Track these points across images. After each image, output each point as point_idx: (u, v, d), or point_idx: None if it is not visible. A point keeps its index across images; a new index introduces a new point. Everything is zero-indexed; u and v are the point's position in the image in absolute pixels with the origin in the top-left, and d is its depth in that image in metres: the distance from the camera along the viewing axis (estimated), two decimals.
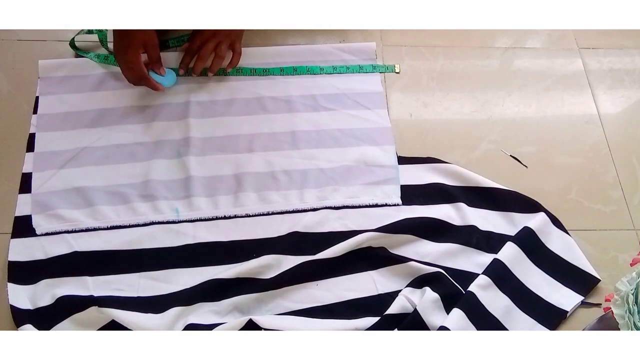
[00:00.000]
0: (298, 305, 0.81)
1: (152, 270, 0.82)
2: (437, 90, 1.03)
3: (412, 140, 0.97)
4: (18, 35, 1.03)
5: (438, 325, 0.77)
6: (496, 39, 1.10)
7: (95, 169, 0.90)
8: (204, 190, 0.89)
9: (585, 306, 0.84)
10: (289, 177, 0.91)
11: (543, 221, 0.89)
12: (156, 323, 0.76)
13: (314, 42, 1.05)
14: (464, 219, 0.89)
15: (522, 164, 0.96)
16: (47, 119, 0.94)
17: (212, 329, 0.77)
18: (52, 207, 0.86)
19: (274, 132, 0.95)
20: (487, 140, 0.98)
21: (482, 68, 1.07)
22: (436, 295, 0.80)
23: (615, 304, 0.64)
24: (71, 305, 0.78)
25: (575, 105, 1.04)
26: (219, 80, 1.00)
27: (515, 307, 0.82)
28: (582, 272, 0.86)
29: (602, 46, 1.11)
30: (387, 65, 1.04)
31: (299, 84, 1.00)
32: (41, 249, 0.83)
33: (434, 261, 0.85)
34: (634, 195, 0.95)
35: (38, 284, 0.80)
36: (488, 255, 0.86)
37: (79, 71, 0.99)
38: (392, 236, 0.86)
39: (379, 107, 0.99)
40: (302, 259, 0.83)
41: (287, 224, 0.87)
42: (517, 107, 1.03)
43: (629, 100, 1.05)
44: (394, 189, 0.91)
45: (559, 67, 1.08)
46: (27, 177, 0.89)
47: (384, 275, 0.84)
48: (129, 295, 0.80)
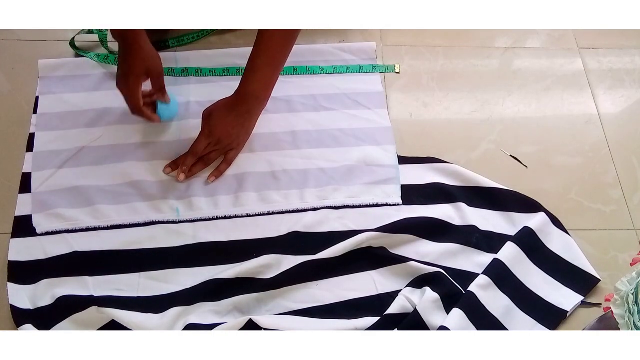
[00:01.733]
0: (298, 305, 0.81)
1: (152, 270, 0.83)
2: (437, 90, 1.03)
3: (412, 140, 0.97)
4: (18, 35, 1.03)
5: (438, 325, 0.77)
6: (496, 39, 1.10)
7: (94, 168, 0.90)
8: (204, 190, 0.89)
9: (585, 306, 0.84)
10: (289, 177, 0.91)
11: (543, 221, 0.89)
12: (156, 323, 0.76)
13: (314, 42, 1.05)
14: (464, 219, 0.89)
15: (522, 164, 0.96)
16: (47, 118, 0.94)
17: (212, 329, 0.77)
18: (52, 207, 0.86)
19: (274, 132, 0.95)
20: (487, 140, 0.98)
21: (482, 68, 1.07)
22: (436, 295, 0.80)
23: (615, 304, 0.64)
24: (71, 305, 0.78)
25: (575, 105, 1.04)
26: (219, 81, 1.00)
27: (515, 307, 0.82)
28: (582, 272, 0.86)
29: (602, 46, 1.11)
30: (387, 65, 1.04)
31: (299, 84, 1.00)
32: (41, 249, 0.83)
33: (434, 261, 0.85)
34: (634, 195, 0.95)
35: (38, 283, 0.80)
36: (488, 255, 0.86)
37: (78, 71, 0.99)
38: (392, 236, 0.86)
39: (379, 107, 0.99)
40: (302, 259, 0.83)
41: (287, 224, 0.87)
42: (517, 107, 1.03)
43: (629, 100, 1.05)
44: (395, 189, 0.91)
45: (559, 67, 1.08)
46: (27, 177, 0.89)
47: (384, 275, 0.84)
48: (129, 295, 0.80)
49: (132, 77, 0.84)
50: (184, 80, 0.99)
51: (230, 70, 1.01)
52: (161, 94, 0.90)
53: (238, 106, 0.88)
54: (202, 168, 0.90)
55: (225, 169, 0.91)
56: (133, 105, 0.86)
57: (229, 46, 1.03)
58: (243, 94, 0.87)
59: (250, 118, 0.90)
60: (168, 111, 0.92)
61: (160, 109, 0.90)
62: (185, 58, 1.02)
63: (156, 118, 0.90)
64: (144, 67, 0.85)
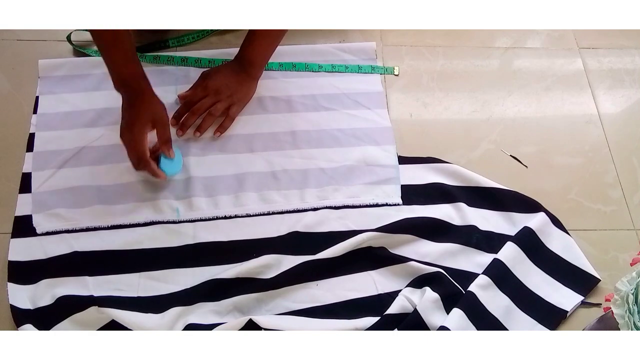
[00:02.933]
0: (298, 305, 0.81)
1: (152, 270, 0.83)
2: (437, 90, 1.03)
3: (412, 140, 0.97)
4: (18, 35, 1.03)
5: (438, 325, 0.77)
6: (496, 39, 1.10)
7: (94, 168, 0.90)
8: (204, 190, 0.89)
9: (585, 306, 0.84)
10: (289, 177, 0.91)
11: (543, 221, 0.89)
12: (156, 323, 0.76)
13: (314, 42, 1.05)
14: (464, 219, 0.89)
15: (522, 164, 0.96)
16: (47, 118, 0.94)
17: (212, 329, 0.77)
18: (52, 207, 0.86)
19: (274, 132, 0.95)
20: (487, 140, 0.98)
21: (482, 68, 1.07)
22: (436, 295, 0.80)
23: (615, 304, 0.64)
24: (71, 305, 0.78)
25: (575, 105, 1.04)
26: None
27: (515, 307, 0.82)
28: (582, 272, 0.86)
29: (602, 46, 1.11)
30: (386, 67, 1.04)
31: (299, 84, 1.00)
32: (41, 249, 0.83)
33: (434, 261, 0.85)
34: (634, 195, 0.95)
35: (38, 283, 0.80)
36: (488, 255, 0.86)
37: (78, 71, 0.99)
38: (392, 236, 0.86)
39: (379, 107, 0.99)
40: (302, 258, 0.83)
41: (287, 224, 0.87)
42: (517, 107, 1.03)
43: (629, 100, 1.05)
44: (395, 189, 0.91)
45: (559, 67, 1.08)
46: (27, 177, 0.89)
47: (384, 275, 0.84)
48: (129, 295, 0.80)
49: (138, 126, 0.80)
50: (184, 80, 0.99)
51: None
52: (166, 147, 0.84)
53: (235, 66, 0.93)
54: (211, 121, 0.92)
55: (229, 124, 0.93)
56: (139, 155, 0.81)
57: (229, 46, 1.03)
58: (239, 58, 0.93)
59: (247, 78, 0.94)
60: (172, 167, 0.86)
61: (164, 163, 0.85)
62: None
63: (162, 174, 0.84)
64: (149, 115, 0.81)
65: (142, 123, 0.81)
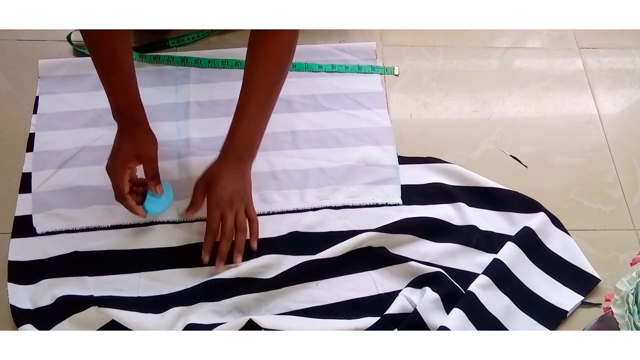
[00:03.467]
0: (298, 305, 0.81)
1: (152, 270, 0.83)
2: (437, 90, 1.03)
3: (412, 140, 0.97)
4: (18, 35, 1.03)
5: (438, 325, 0.77)
6: (496, 39, 1.10)
7: (94, 168, 0.90)
8: None
9: (585, 306, 0.84)
10: (289, 177, 0.91)
11: (543, 221, 0.89)
12: (156, 323, 0.76)
13: (313, 42, 1.05)
14: (464, 219, 0.89)
15: (522, 164, 0.96)
16: (47, 118, 0.94)
17: (212, 329, 0.77)
18: (52, 207, 0.86)
19: (274, 132, 0.95)
20: (487, 140, 0.98)
21: (482, 68, 1.07)
22: (436, 295, 0.80)
23: (615, 304, 0.64)
24: (71, 305, 0.78)
25: (575, 105, 1.04)
26: (219, 81, 1.00)
27: (515, 307, 0.82)
28: (582, 272, 0.86)
29: (602, 46, 1.11)
30: (386, 67, 1.04)
31: (298, 84, 1.00)
32: (41, 249, 0.83)
33: (434, 261, 0.85)
34: (634, 195, 0.95)
35: (38, 283, 0.80)
36: (488, 255, 0.86)
37: (78, 71, 0.99)
38: (392, 236, 0.86)
39: (379, 107, 0.99)
40: (302, 258, 0.83)
41: (287, 224, 0.87)
42: (517, 107, 1.03)
43: (629, 100, 1.05)
44: (395, 189, 0.91)
45: (559, 67, 1.08)
46: (27, 177, 0.89)
47: (384, 275, 0.84)
48: (129, 295, 0.80)
49: (121, 159, 0.78)
50: (184, 80, 0.99)
51: (229, 62, 1.01)
52: (153, 183, 0.81)
53: (230, 163, 0.82)
54: (244, 237, 0.83)
55: (257, 227, 0.84)
56: (116, 190, 0.79)
57: (229, 46, 1.03)
58: (233, 148, 0.82)
59: (244, 166, 0.84)
60: (157, 205, 0.82)
61: (148, 201, 0.82)
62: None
63: (140, 212, 0.81)
64: (135, 150, 0.78)
65: (126, 157, 0.78)
